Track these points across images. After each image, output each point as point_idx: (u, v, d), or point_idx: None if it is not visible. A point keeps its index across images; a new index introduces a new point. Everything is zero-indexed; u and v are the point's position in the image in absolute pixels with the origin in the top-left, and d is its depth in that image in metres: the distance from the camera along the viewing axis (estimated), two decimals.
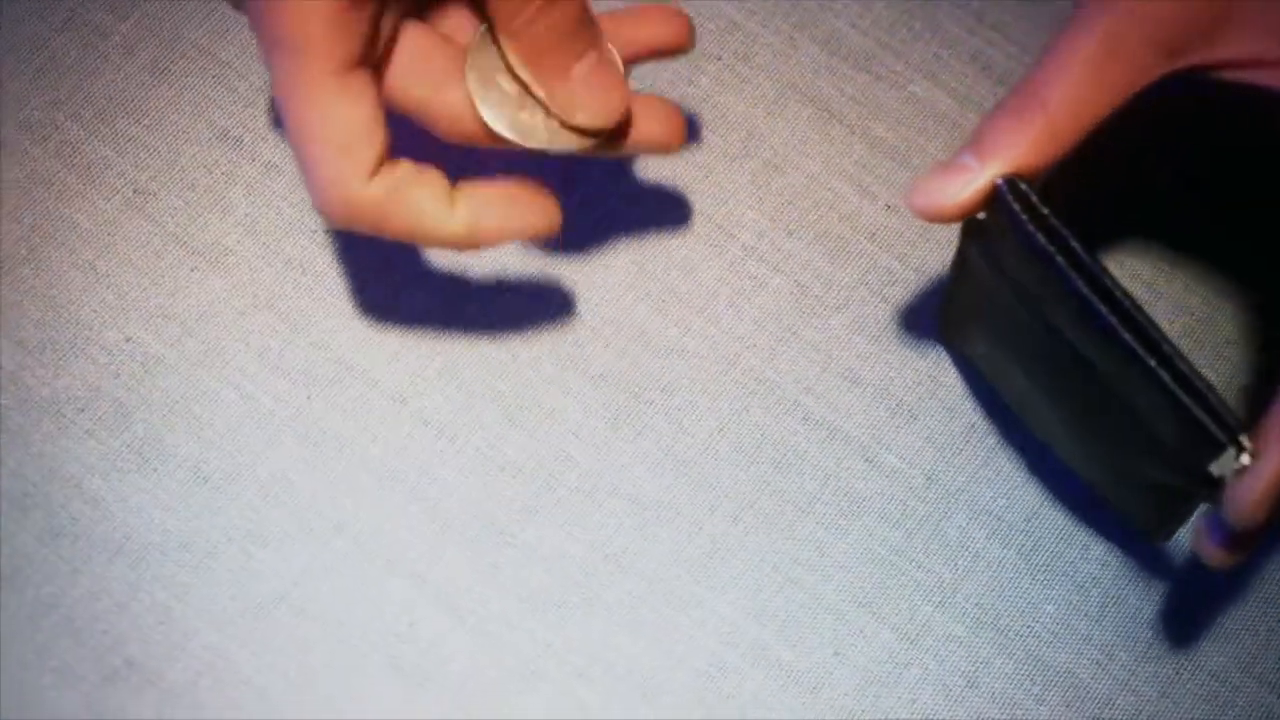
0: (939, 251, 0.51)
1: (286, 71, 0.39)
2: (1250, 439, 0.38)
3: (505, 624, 0.46)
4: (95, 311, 0.48)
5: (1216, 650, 0.47)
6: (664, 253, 0.51)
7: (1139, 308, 0.39)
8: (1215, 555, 0.41)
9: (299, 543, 0.47)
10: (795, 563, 0.48)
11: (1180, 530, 0.44)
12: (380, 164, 0.40)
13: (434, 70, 0.41)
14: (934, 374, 0.50)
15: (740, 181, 0.52)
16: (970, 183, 0.40)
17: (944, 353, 0.50)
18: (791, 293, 0.51)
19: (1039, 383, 0.44)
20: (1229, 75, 0.40)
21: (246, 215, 0.50)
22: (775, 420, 0.49)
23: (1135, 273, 0.51)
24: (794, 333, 0.50)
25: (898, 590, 0.47)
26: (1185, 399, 0.38)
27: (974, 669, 0.47)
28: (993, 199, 0.40)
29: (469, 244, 0.42)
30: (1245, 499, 0.38)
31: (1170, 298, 0.51)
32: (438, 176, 0.41)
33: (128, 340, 0.48)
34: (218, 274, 0.49)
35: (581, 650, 0.46)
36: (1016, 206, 0.39)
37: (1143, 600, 0.48)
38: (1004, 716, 0.46)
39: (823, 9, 0.54)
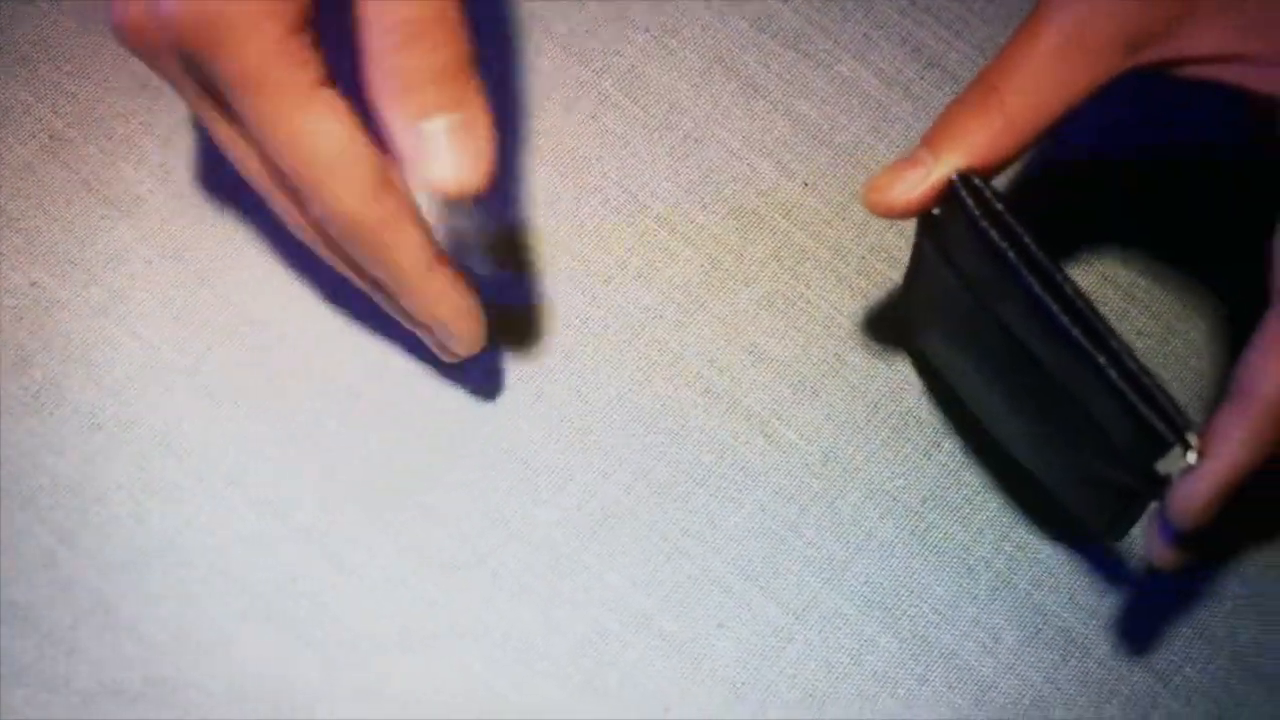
0: (853, 231, 0.51)
1: (255, 109, 0.38)
2: (1199, 439, 0.38)
3: (390, 582, 0.46)
4: (3, 254, 0.49)
5: (1104, 638, 0.47)
6: (575, 221, 0.51)
7: (1091, 305, 0.38)
8: (1162, 555, 0.40)
9: (189, 493, 0.47)
10: (685, 534, 0.48)
11: (1132, 529, 0.43)
12: (381, 177, 0.39)
13: None
14: (839, 352, 0.50)
15: (658, 153, 0.52)
16: (925, 177, 0.40)
17: (851, 331, 0.50)
18: (702, 266, 0.51)
19: (991, 380, 0.44)
20: (1190, 72, 0.40)
21: (160, 165, 0.50)
22: (676, 391, 0.49)
23: (1103, 273, 0.51)
24: (701, 305, 0.50)
25: (787, 565, 0.47)
26: (1133, 397, 0.38)
27: (859, 646, 0.47)
28: (947, 195, 0.40)
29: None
30: (1190, 498, 0.38)
31: (1137, 300, 0.50)
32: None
33: (33, 284, 0.48)
34: (128, 223, 0.49)
35: (465, 611, 0.46)
36: (970, 201, 0.39)
37: (1032, 586, 0.48)
38: (886, 695, 0.46)
39: None
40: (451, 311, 0.42)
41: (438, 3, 0.37)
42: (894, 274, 0.51)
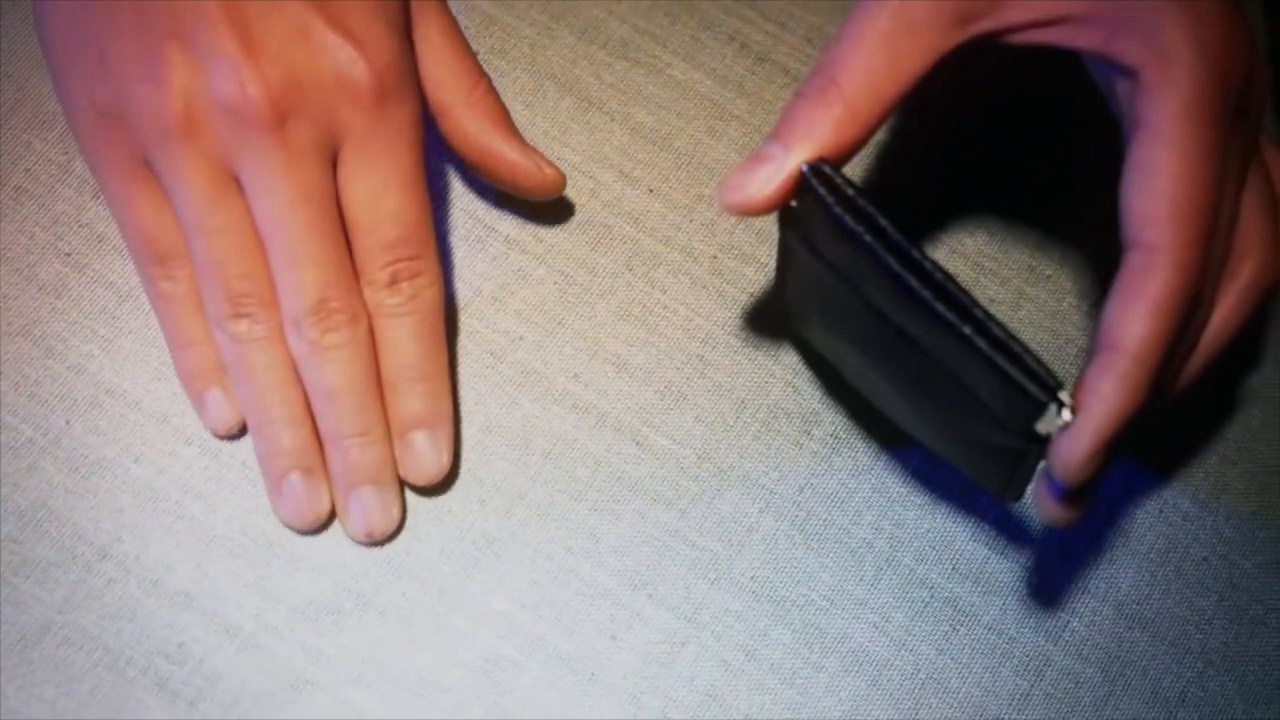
0: (702, 232, 0.52)
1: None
2: (1071, 397, 0.39)
3: (275, 635, 0.46)
4: None
5: (990, 603, 0.48)
6: None
7: (950, 278, 0.39)
8: (1052, 511, 0.41)
9: (63, 570, 0.46)
10: (569, 551, 0.48)
11: (1028, 488, 0.44)
12: None
13: None
14: (701, 353, 0.50)
15: None
16: (777, 172, 0.40)
17: (710, 332, 0.50)
18: (556, 283, 0.51)
19: (871, 361, 0.44)
20: (1018, 38, 0.41)
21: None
22: (544, 411, 0.49)
23: (950, 247, 0.52)
24: (560, 323, 0.50)
25: (673, 570, 0.48)
26: (1002, 362, 0.39)
27: (752, 641, 0.47)
28: (801, 186, 0.40)
29: None
30: (1069, 454, 0.39)
31: (985, 269, 0.51)
32: None
33: None
34: None
35: (355, 655, 0.46)
36: (822, 190, 0.40)
37: (916, 561, 0.48)
38: (784, 686, 0.47)
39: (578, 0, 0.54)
40: None
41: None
42: (747, 270, 0.51)
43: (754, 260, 0.52)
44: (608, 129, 0.53)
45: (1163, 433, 0.50)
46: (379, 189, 0.44)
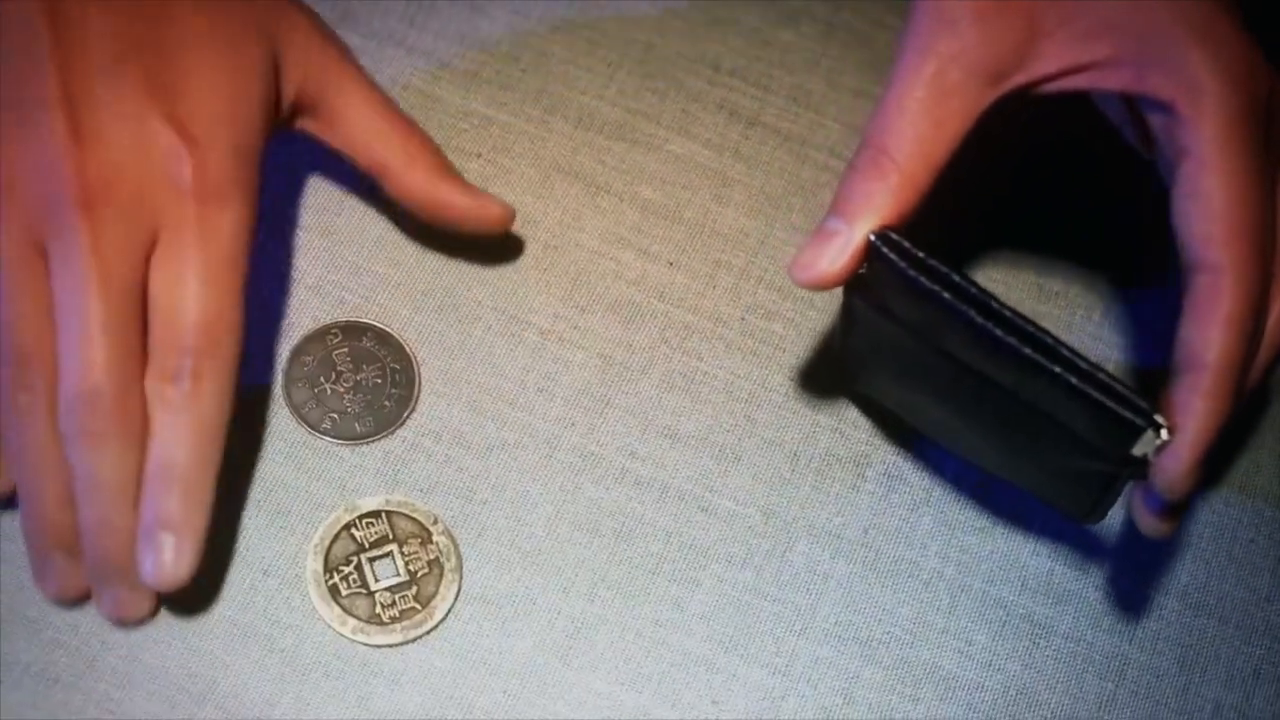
0: (726, 297, 0.53)
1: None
2: (1163, 416, 0.41)
3: None
4: None
5: (1063, 613, 0.50)
6: (464, 354, 0.51)
7: (1030, 321, 0.41)
8: (1153, 526, 0.44)
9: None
10: (657, 624, 0.49)
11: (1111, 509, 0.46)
12: None
13: None
14: (747, 413, 0.52)
15: (524, 269, 0.53)
16: (845, 246, 0.42)
17: (752, 391, 0.52)
18: (596, 366, 0.52)
19: (952, 408, 0.46)
20: (1048, 89, 0.43)
21: None
22: (607, 492, 0.50)
23: (1015, 284, 0.54)
24: (607, 403, 0.51)
25: (759, 627, 0.49)
26: (1096, 395, 0.40)
27: (847, 685, 0.48)
28: (868, 254, 0.42)
29: None
30: (1173, 471, 0.41)
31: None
32: None
33: None
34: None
35: None
36: (893, 256, 0.42)
37: (986, 583, 0.50)
38: None
39: (568, 90, 0.56)
40: None
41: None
42: (775, 326, 0.53)
43: (780, 316, 0.53)
44: (618, 210, 0.54)
45: None
46: (179, 282, 0.44)
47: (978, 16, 0.42)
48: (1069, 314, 0.54)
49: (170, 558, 0.44)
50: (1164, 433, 0.41)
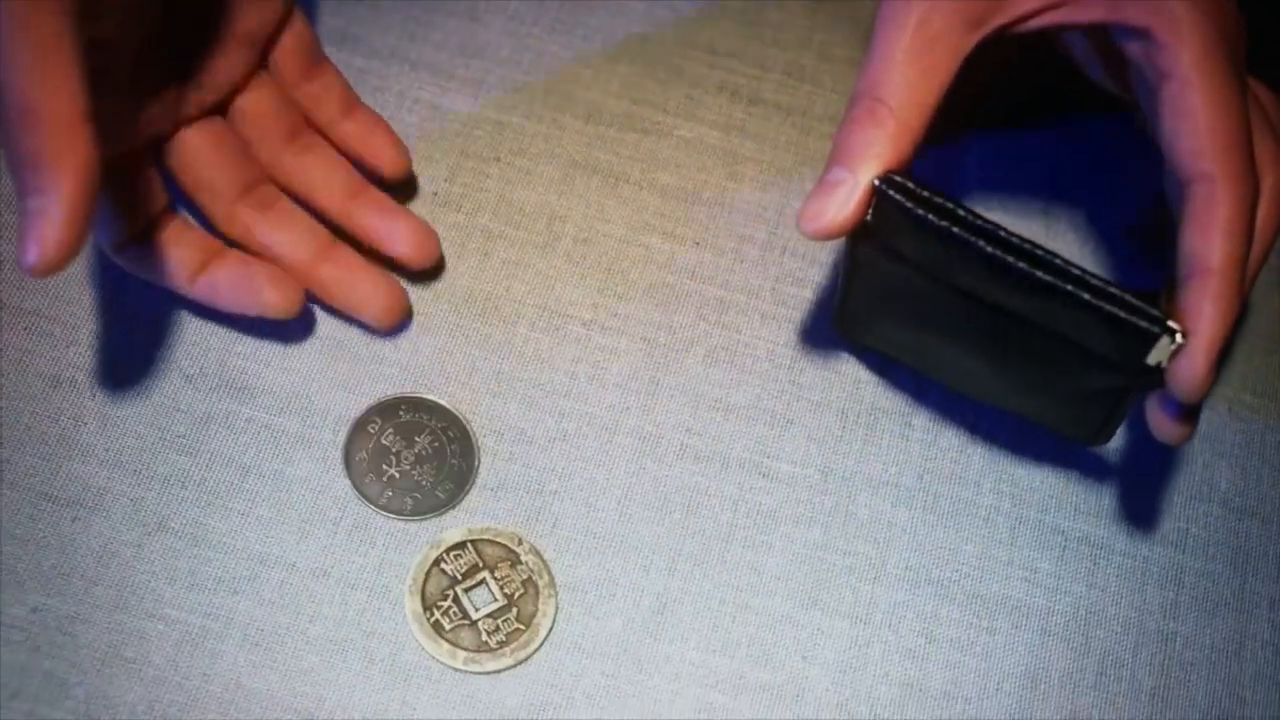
0: (755, 269, 0.55)
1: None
2: (1176, 322, 0.43)
3: None
4: None
5: (1117, 532, 0.52)
6: (513, 353, 0.52)
7: (1039, 246, 0.43)
8: (1173, 431, 0.45)
9: None
10: (738, 589, 0.50)
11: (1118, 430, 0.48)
12: (136, 233, 0.48)
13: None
14: (792, 378, 0.53)
15: (558, 264, 0.54)
16: (851, 193, 0.43)
17: (793, 356, 0.53)
18: (641, 350, 0.53)
19: (963, 345, 0.48)
20: (1028, 27, 0.45)
21: (107, 450, 0.49)
22: (670, 469, 0.51)
23: (1021, 216, 0.56)
24: (657, 384, 0.53)
25: (835, 580, 0.50)
26: (1110, 308, 0.42)
27: (927, 625, 0.50)
28: (873, 200, 0.44)
29: (209, 304, 0.49)
30: (1190, 374, 0.43)
31: (1056, 229, 0.55)
32: (190, 247, 0.49)
33: (35, 610, 0.47)
34: (100, 516, 0.49)
35: None
36: (899, 197, 0.43)
37: (1041, 512, 0.52)
38: (967, 656, 0.50)
39: (573, 87, 0.57)
40: None
41: None
42: (805, 293, 0.55)
43: (808, 282, 0.55)
44: (639, 198, 0.56)
45: None
46: None
47: None
48: (1078, 248, 0.56)
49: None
50: (1179, 338, 0.42)
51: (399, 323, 0.51)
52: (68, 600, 0.47)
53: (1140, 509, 0.52)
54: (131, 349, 0.51)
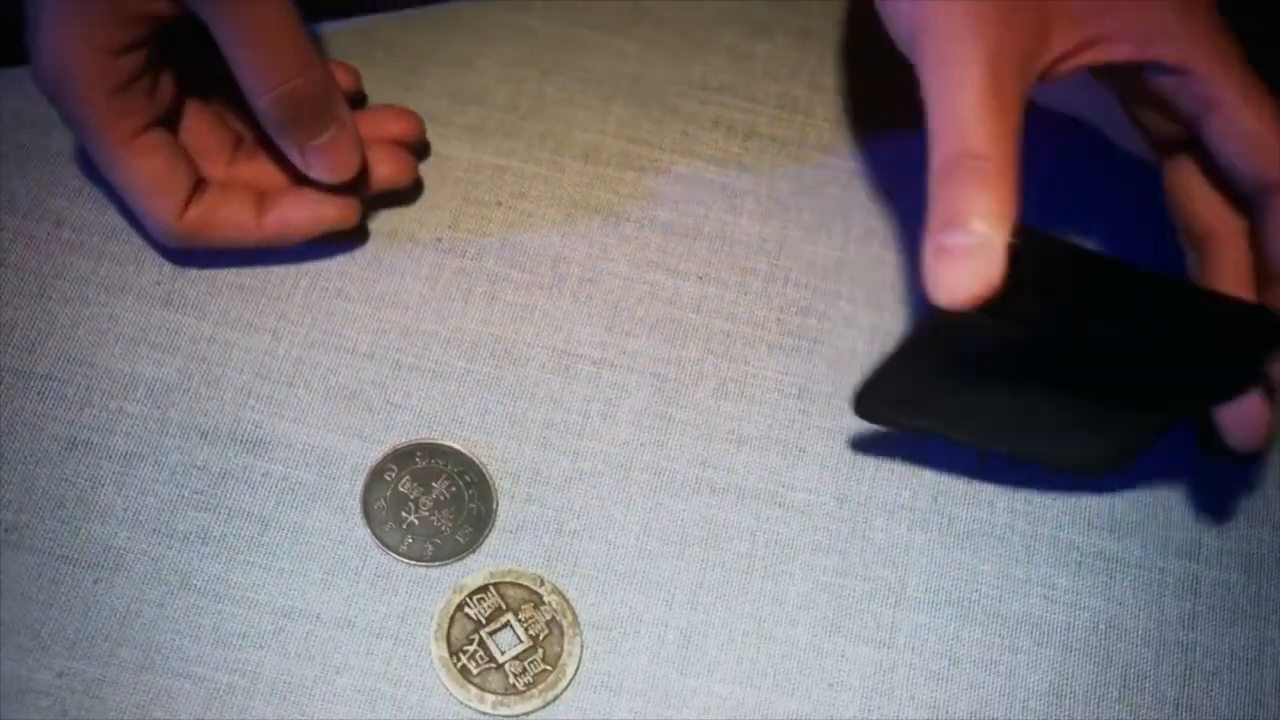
0: (759, 301, 0.55)
1: (93, 148, 0.49)
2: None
3: None
4: (15, 660, 0.47)
5: (1131, 545, 0.52)
6: (525, 395, 0.53)
7: (1152, 269, 0.43)
8: (1253, 435, 0.46)
9: None
10: (761, 620, 0.50)
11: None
12: (189, 199, 0.50)
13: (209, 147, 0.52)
14: (801, 406, 0.54)
15: (564, 305, 0.54)
16: (990, 252, 0.40)
17: (802, 385, 0.54)
18: (652, 386, 0.53)
19: (1024, 393, 0.47)
20: (1067, 67, 0.45)
21: (125, 511, 0.49)
22: (686, 503, 0.52)
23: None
24: (669, 419, 0.53)
25: (856, 606, 0.51)
26: (1238, 312, 0.45)
27: (950, 647, 0.50)
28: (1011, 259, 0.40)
29: (281, 239, 0.52)
30: None
31: None
32: (243, 193, 0.51)
33: (60, 675, 0.47)
34: (121, 576, 0.49)
35: None
36: (1043, 246, 0.41)
37: (1055, 529, 0.52)
38: (991, 676, 0.50)
39: (570, 129, 0.58)
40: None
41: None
42: (809, 321, 0.55)
43: (813, 311, 0.55)
44: (641, 235, 0.56)
45: None
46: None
47: (999, 15, 0.43)
48: None
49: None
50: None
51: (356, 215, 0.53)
52: (93, 663, 0.47)
53: (1152, 521, 0.53)
54: (144, 408, 0.51)
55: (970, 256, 0.40)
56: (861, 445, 0.53)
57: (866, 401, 0.49)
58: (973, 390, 0.48)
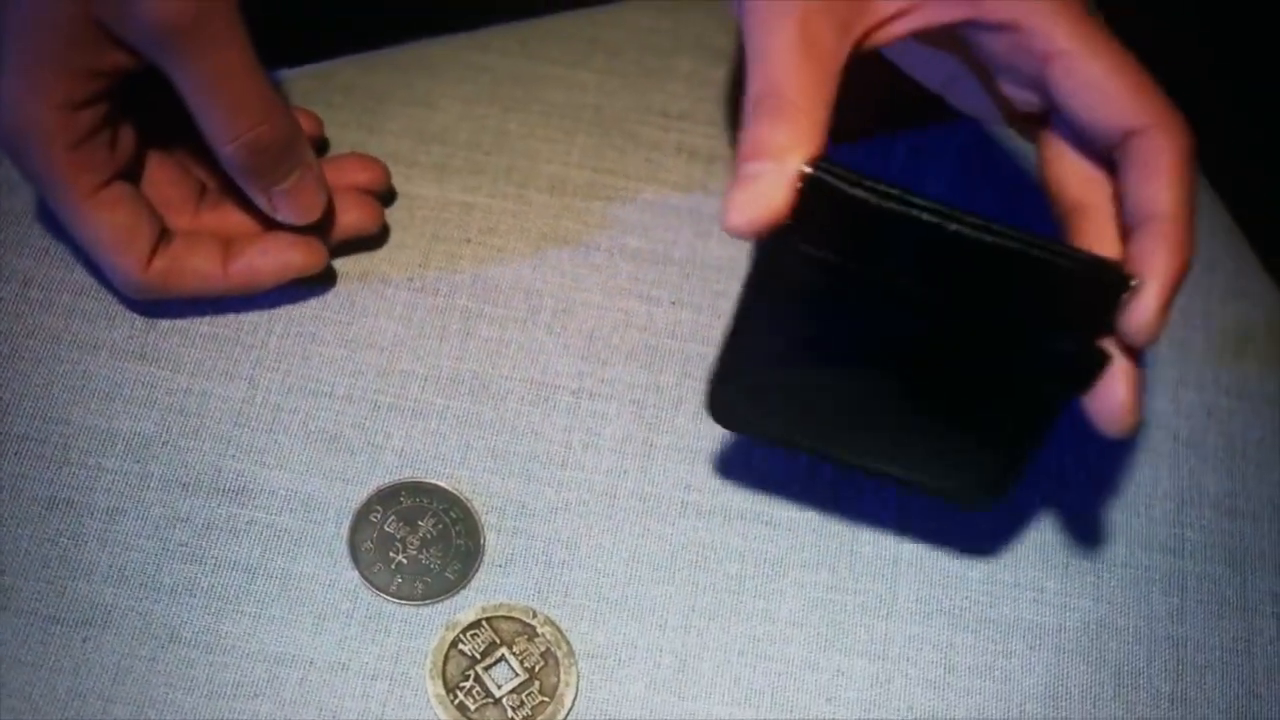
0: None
1: (55, 204, 0.49)
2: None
3: None
4: None
5: (1114, 544, 0.53)
6: (506, 429, 0.53)
7: (981, 216, 0.41)
8: (1121, 416, 0.44)
9: None
10: (754, 639, 0.50)
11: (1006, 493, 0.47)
12: (154, 250, 0.50)
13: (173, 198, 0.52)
14: None
15: (539, 337, 0.55)
16: (778, 180, 0.41)
17: None
18: (631, 413, 0.54)
19: (877, 378, 0.45)
20: (890, 32, 0.45)
21: (110, 567, 0.49)
22: (673, 528, 0.52)
23: None
24: (651, 445, 0.53)
25: (849, 620, 0.51)
26: (1073, 263, 0.42)
27: (944, 655, 0.51)
28: (801, 191, 0.41)
29: (249, 287, 0.52)
30: (1144, 317, 0.42)
31: None
32: (208, 243, 0.51)
33: None
34: (110, 633, 0.48)
35: None
36: (835, 181, 0.41)
37: (1039, 532, 0.53)
38: (986, 681, 0.50)
39: (534, 163, 0.58)
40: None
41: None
42: None
43: None
44: (612, 264, 0.56)
45: (1179, 342, 0.56)
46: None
47: None
48: None
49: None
50: (1134, 281, 0.42)
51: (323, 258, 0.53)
52: None
53: (1134, 519, 0.53)
54: (124, 463, 0.51)
55: (758, 182, 0.42)
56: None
57: (720, 400, 0.47)
58: (822, 382, 0.46)
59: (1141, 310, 0.43)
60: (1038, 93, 0.45)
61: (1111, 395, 0.44)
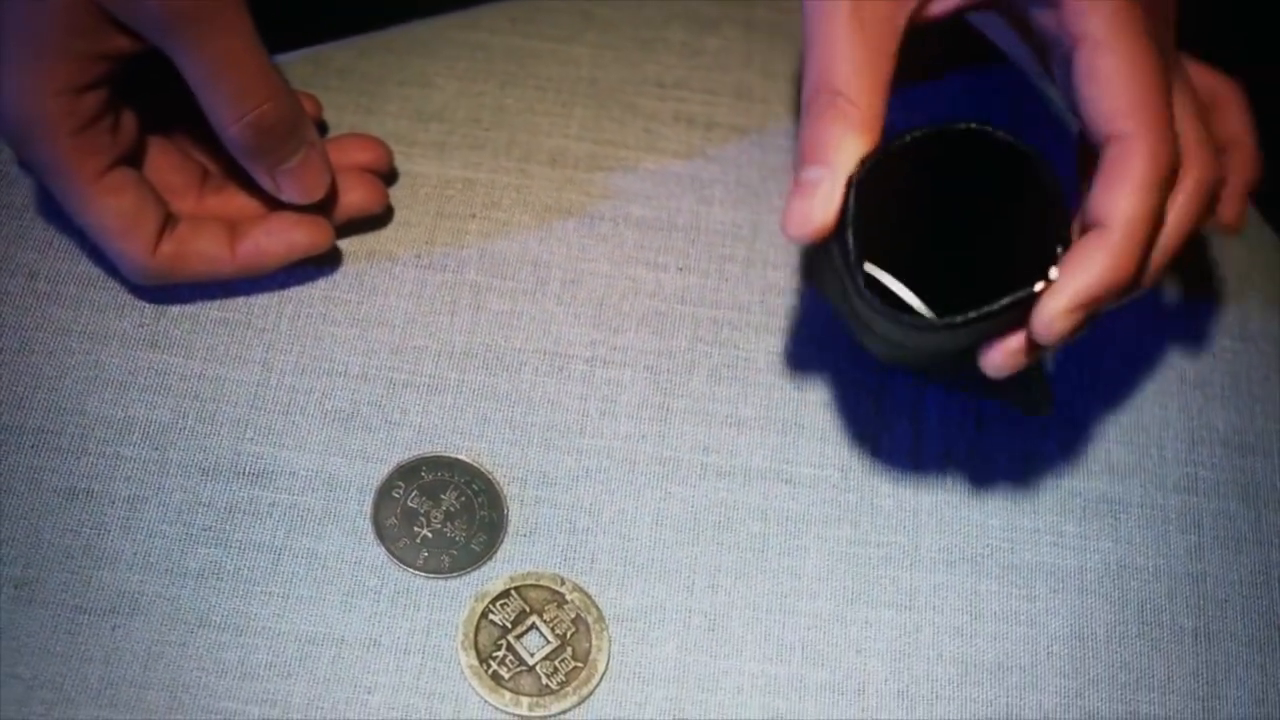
0: (741, 285, 0.56)
1: (59, 190, 0.49)
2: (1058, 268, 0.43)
3: None
4: (42, 715, 0.46)
5: (1130, 486, 0.53)
6: (522, 400, 0.53)
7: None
8: (999, 359, 0.45)
9: None
10: (782, 596, 0.51)
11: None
12: (160, 234, 0.50)
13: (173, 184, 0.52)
14: (797, 385, 0.54)
15: (550, 308, 0.55)
16: (833, 191, 0.44)
17: (795, 362, 0.54)
18: (646, 378, 0.54)
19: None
20: (941, 8, 0.46)
21: (135, 554, 0.49)
22: (694, 489, 0.52)
23: None
24: (667, 409, 0.53)
25: (873, 573, 0.51)
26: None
27: (969, 602, 0.51)
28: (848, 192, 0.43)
29: (256, 269, 0.52)
30: (1048, 309, 0.42)
31: None
32: (214, 226, 0.51)
33: None
34: (139, 620, 0.48)
35: None
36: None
37: (1056, 477, 0.53)
38: (1012, 625, 0.51)
39: (534, 136, 0.58)
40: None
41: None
42: (792, 300, 0.56)
43: (794, 291, 0.56)
44: (617, 233, 0.56)
45: (1188, 287, 0.57)
46: None
47: None
48: None
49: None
50: (1054, 271, 0.43)
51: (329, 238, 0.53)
52: (120, 710, 0.46)
53: (1147, 460, 0.54)
54: (142, 450, 0.50)
55: (816, 192, 0.43)
56: (859, 416, 0.54)
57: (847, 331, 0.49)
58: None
59: (1044, 309, 0.43)
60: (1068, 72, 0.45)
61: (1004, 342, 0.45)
